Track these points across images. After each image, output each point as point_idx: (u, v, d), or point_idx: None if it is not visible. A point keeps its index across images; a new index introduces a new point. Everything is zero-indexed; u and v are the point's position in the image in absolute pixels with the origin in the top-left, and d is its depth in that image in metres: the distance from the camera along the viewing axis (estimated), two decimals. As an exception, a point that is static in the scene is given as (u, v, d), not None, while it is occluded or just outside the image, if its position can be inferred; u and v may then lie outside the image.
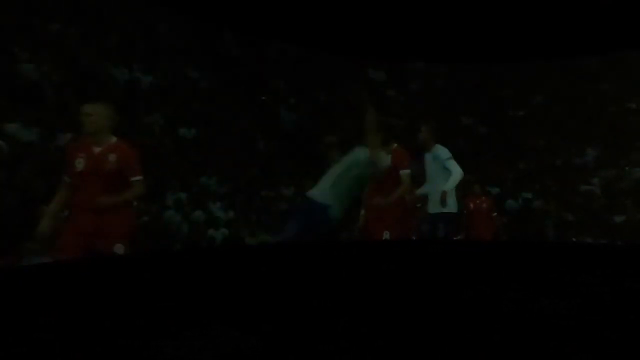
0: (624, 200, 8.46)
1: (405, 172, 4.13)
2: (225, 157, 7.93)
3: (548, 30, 9.68)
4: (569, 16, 9.26)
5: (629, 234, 7.82)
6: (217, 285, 1.99)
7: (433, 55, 11.11)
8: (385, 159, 3.90)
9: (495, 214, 6.61)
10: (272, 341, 1.22)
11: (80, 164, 3.15)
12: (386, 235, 4.17)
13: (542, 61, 10.96)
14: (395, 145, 4.23)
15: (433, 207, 4.54)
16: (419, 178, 4.82)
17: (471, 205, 6.37)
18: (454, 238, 4.92)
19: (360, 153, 3.71)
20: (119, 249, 3.09)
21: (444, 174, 4.45)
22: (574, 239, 8.04)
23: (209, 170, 7.49)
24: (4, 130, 5.50)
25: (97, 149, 3.20)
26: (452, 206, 4.46)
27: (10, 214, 4.55)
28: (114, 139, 3.27)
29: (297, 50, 10.80)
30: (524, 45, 10.10)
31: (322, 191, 3.65)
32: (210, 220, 6.89)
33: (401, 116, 9.22)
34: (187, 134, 7.84)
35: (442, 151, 4.47)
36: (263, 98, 9.83)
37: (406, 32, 10.05)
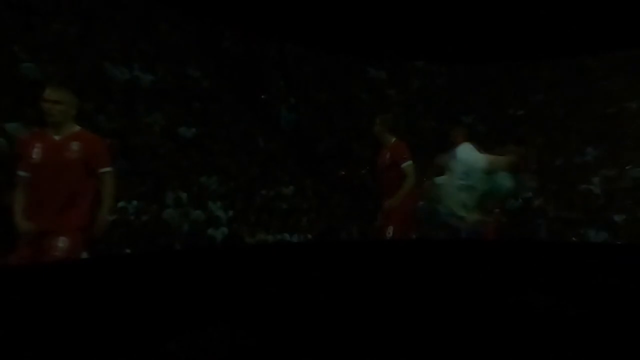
0: (624, 200, 8.46)
1: (407, 164, 4.17)
2: (225, 157, 7.93)
3: (548, 30, 9.67)
4: (569, 16, 9.26)
5: (629, 233, 7.82)
6: (217, 285, 1.99)
7: (433, 55, 11.10)
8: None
9: (497, 210, 6.57)
10: (272, 341, 1.22)
11: (37, 154, 2.79)
12: (389, 233, 4.19)
13: (542, 61, 10.96)
14: (394, 139, 4.30)
15: None
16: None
17: None
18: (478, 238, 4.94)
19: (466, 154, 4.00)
20: (63, 242, 2.72)
21: None
22: (573, 238, 8.04)
23: (209, 170, 7.49)
24: (4, 129, 5.50)
25: (57, 138, 2.85)
26: None
27: (10, 212, 4.53)
28: (76, 127, 2.92)
29: (297, 50, 10.80)
30: (524, 45, 10.09)
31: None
32: (210, 219, 6.89)
33: (401, 115, 9.24)
34: (187, 133, 7.84)
35: (457, 150, 4.56)
36: (263, 97, 9.83)
37: (407, 32, 10.04)
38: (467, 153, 4.16)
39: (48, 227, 2.75)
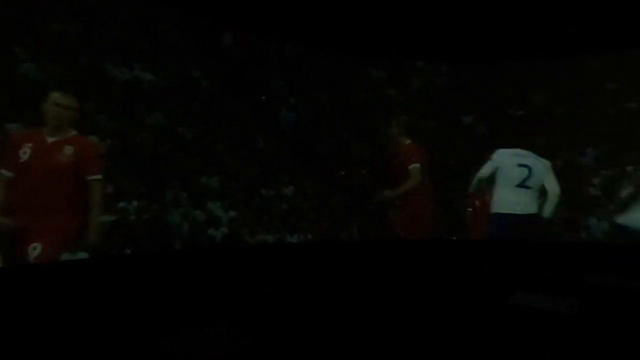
0: (624, 200, 8.46)
1: (414, 167, 4.23)
2: (225, 157, 7.94)
3: (548, 30, 9.66)
4: (569, 16, 9.25)
5: (629, 233, 7.82)
6: (216, 285, 1.99)
7: (434, 55, 11.10)
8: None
9: None
10: (268, 340, 1.21)
11: (25, 154, 2.69)
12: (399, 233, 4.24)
13: (542, 61, 10.95)
14: (408, 141, 4.36)
15: (496, 207, 4.55)
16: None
17: (477, 203, 6.32)
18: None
19: None
20: (35, 248, 2.57)
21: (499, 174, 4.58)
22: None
23: (209, 170, 7.49)
24: (4, 130, 5.50)
25: (50, 139, 2.78)
26: (520, 207, 4.40)
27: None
28: (72, 132, 2.88)
29: (297, 49, 10.80)
30: (524, 45, 10.09)
31: None
32: (210, 219, 6.90)
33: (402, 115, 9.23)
34: (187, 133, 7.84)
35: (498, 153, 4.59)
36: (263, 98, 9.83)
37: (407, 32, 10.03)
38: (507, 156, 4.20)
39: (30, 228, 2.66)
